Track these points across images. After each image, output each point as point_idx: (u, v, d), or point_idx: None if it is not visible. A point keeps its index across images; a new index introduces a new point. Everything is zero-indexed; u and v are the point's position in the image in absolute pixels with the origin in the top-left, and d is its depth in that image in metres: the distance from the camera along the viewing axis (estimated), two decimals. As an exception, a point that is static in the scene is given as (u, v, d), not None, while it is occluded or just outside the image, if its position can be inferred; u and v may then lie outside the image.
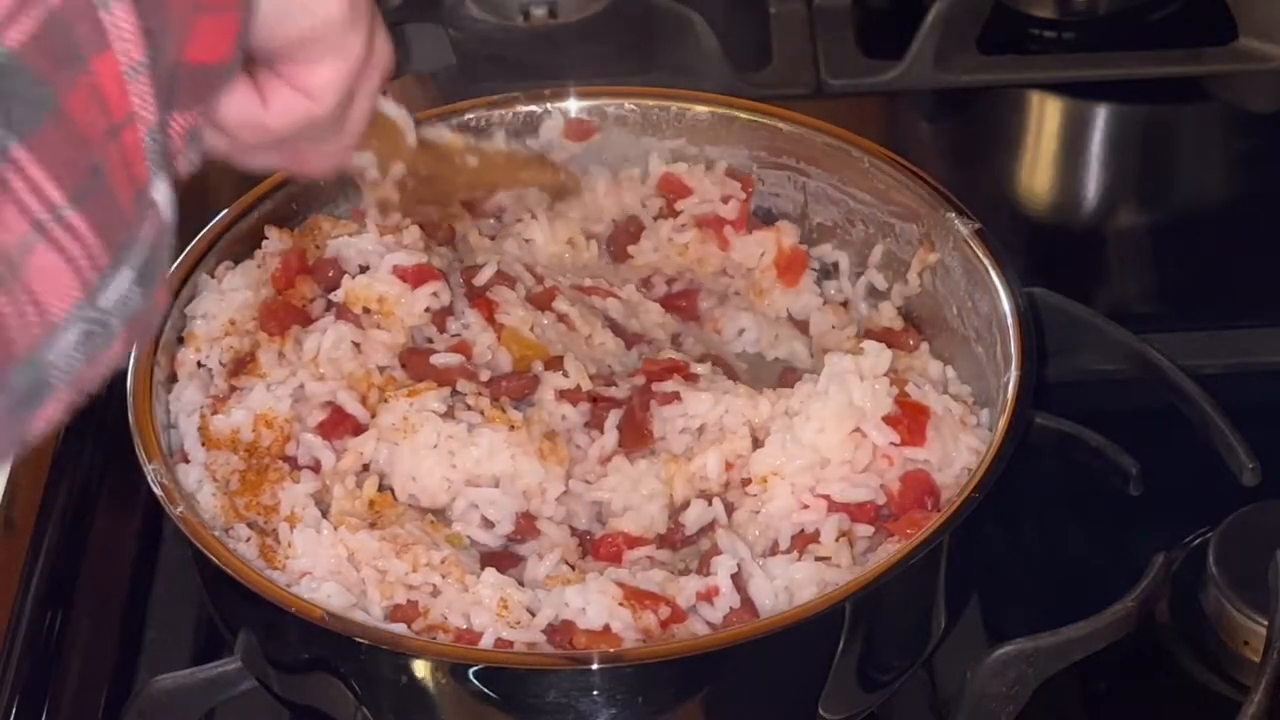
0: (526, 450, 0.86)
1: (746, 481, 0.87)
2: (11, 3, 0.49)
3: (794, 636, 0.77)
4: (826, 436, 0.85)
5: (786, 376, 0.94)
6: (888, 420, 0.85)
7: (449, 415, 0.87)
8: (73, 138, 0.51)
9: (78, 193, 0.51)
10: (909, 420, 0.85)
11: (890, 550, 0.81)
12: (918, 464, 0.85)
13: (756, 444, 0.87)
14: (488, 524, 0.85)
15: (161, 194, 0.55)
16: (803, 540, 0.84)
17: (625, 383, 0.92)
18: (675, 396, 0.89)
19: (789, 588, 0.81)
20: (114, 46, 0.52)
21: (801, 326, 1.00)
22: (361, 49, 0.71)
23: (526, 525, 0.85)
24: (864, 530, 0.84)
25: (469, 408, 0.88)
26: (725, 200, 1.01)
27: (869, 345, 0.89)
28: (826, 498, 0.84)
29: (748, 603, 0.80)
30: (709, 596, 0.80)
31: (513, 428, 0.87)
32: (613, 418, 0.90)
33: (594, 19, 1.34)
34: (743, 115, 1.02)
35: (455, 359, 0.91)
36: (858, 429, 0.85)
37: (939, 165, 1.16)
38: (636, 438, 0.89)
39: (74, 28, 0.51)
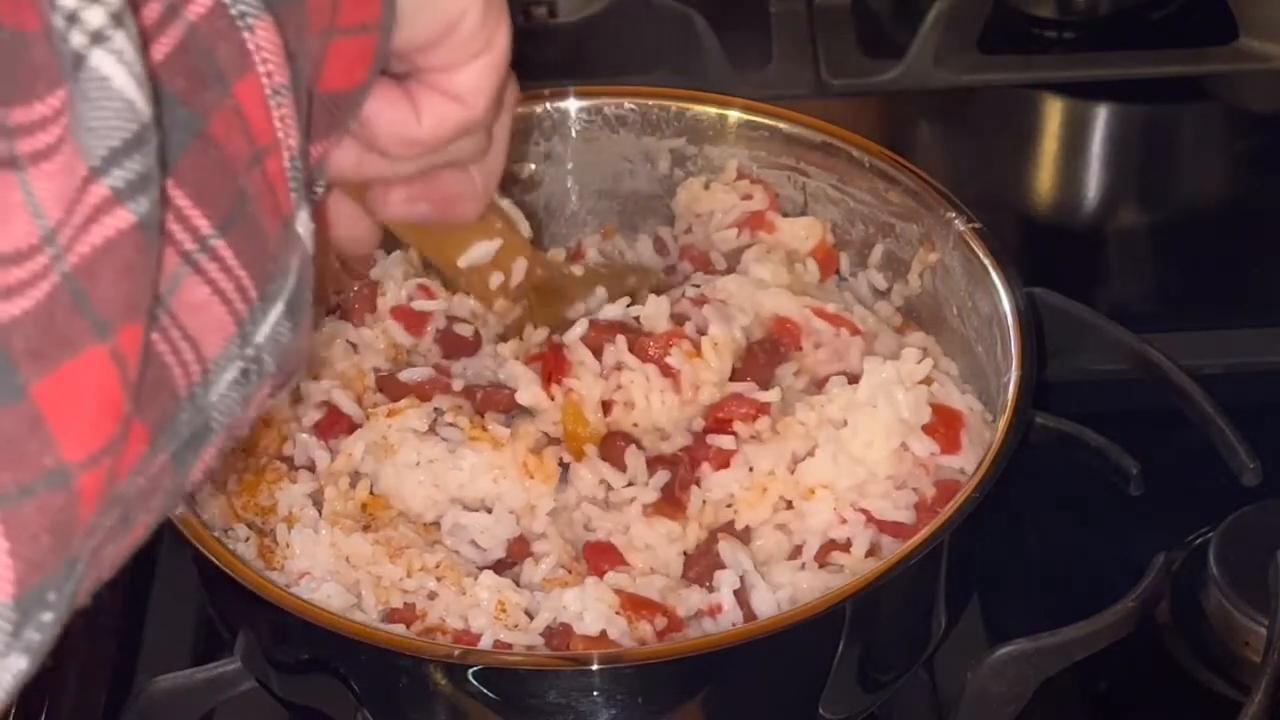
0: (509, 472, 0.84)
1: (786, 503, 0.85)
2: (150, 21, 0.46)
3: (794, 637, 0.77)
4: (874, 451, 0.84)
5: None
6: (925, 429, 0.85)
7: (431, 432, 0.85)
8: (219, 163, 0.48)
9: (225, 221, 0.48)
10: (944, 428, 0.85)
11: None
12: (953, 472, 0.85)
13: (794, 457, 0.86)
14: (478, 545, 0.84)
15: (304, 225, 0.52)
16: (827, 548, 0.83)
17: (678, 433, 0.88)
18: (728, 458, 0.85)
19: (794, 597, 0.80)
20: (257, 69, 0.49)
21: None
22: (505, 42, 0.66)
23: (519, 549, 0.84)
24: (890, 543, 0.83)
25: (451, 424, 0.86)
26: (748, 197, 1.01)
27: (907, 352, 0.88)
28: (866, 512, 0.83)
29: (750, 617, 0.80)
30: (711, 613, 0.80)
31: (496, 445, 0.84)
32: (659, 478, 0.85)
33: (594, 18, 1.34)
34: (743, 115, 1.02)
35: (424, 373, 0.89)
36: (903, 444, 0.84)
37: (939, 165, 1.16)
38: (668, 507, 0.85)
39: (216, 48, 0.48)
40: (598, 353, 0.88)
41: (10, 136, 0.41)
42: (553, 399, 0.87)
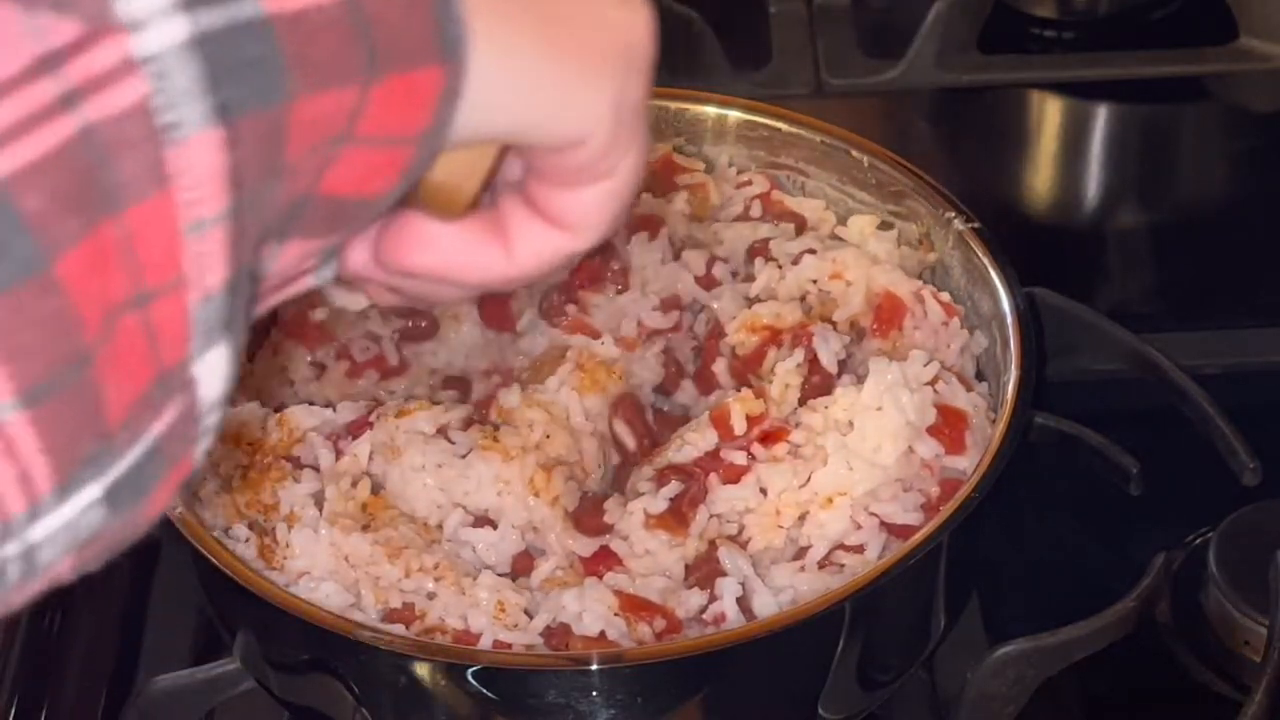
0: (515, 487, 0.83)
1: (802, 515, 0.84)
2: (25, 111, 0.35)
3: (794, 637, 0.77)
4: (883, 455, 0.84)
5: None
6: (930, 430, 0.85)
7: (440, 435, 0.85)
8: (52, 315, 0.37)
9: (36, 391, 0.37)
10: (950, 429, 0.85)
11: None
12: (957, 472, 0.85)
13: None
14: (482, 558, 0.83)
15: (209, 365, 0.41)
16: (833, 549, 0.83)
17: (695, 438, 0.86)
18: (739, 474, 0.84)
19: (796, 600, 0.80)
20: (174, 195, 0.38)
21: None
22: (635, 168, 0.52)
23: (523, 565, 0.83)
24: (896, 545, 0.83)
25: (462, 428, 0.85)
26: (746, 184, 1.01)
27: (915, 354, 0.88)
28: (877, 517, 0.83)
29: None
30: (716, 624, 0.79)
31: (505, 457, 0.84)
32: (671, 488, 0.84)
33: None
34: (743, 115, 1.02)
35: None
36: (910, 447, 0.84)
37: (939, 165, 1.15)
38: (672, 521, 0.84)
39: (116, 161, 0.37)
40: None
41: None
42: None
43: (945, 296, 0.92)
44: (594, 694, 0.76)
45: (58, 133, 0.36)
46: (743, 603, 0.80)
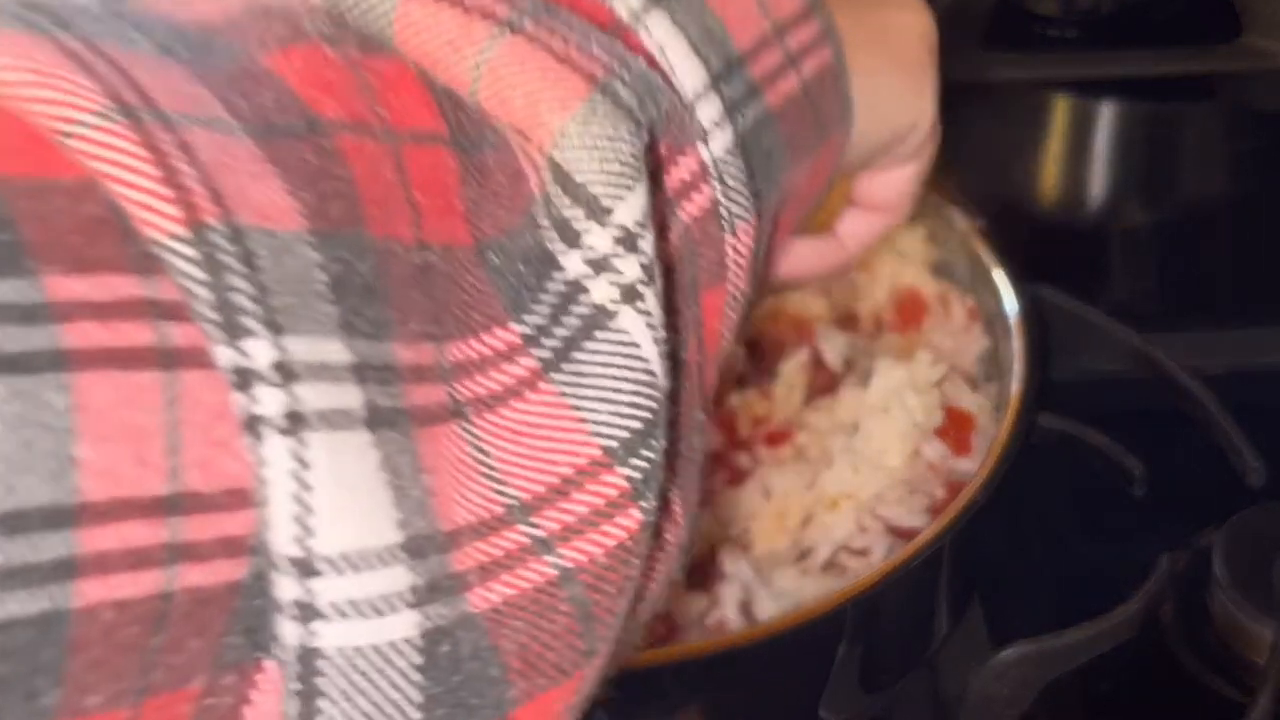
0: None
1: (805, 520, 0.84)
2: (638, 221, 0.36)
3: (795, 640, 0.76)
4: (889, 457, 0.83)
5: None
6: (936, 432, 0.84)
7: None
8: (687, 401, 0.40)
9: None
10: (955, 430, 0.85)
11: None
12: (963, 474, 0.84)
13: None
14: None
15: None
16: (837, 552, 0.83)
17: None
18: (744, 477, 0.85)
19: (798, 604, 0.80)
20: (728, 279, 0.42)
21: None
22: (935, 149, 0.61)
23: None
24: (901, 547, 0.83)
25: None
26: None
27: (922, 355, 0.88)
28: (883, 520, 0.83)
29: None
30: (717, 630, 0.79)
31: None
32: None
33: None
34: (744, 113, 1.01)
35: None
36: (916, 449, 0.84)
37: (941, 162, 1.15)
38: None
39: (700, 254, 0.40)
40: None
41: (447, 378, 0.34)
42: None
43: (970, 301, 0.92)
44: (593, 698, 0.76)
45: (671, 227, 0.39)
46: (744, 607, 0.80)
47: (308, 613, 0.31)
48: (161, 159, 0.30)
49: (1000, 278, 0.90)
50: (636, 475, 0.36)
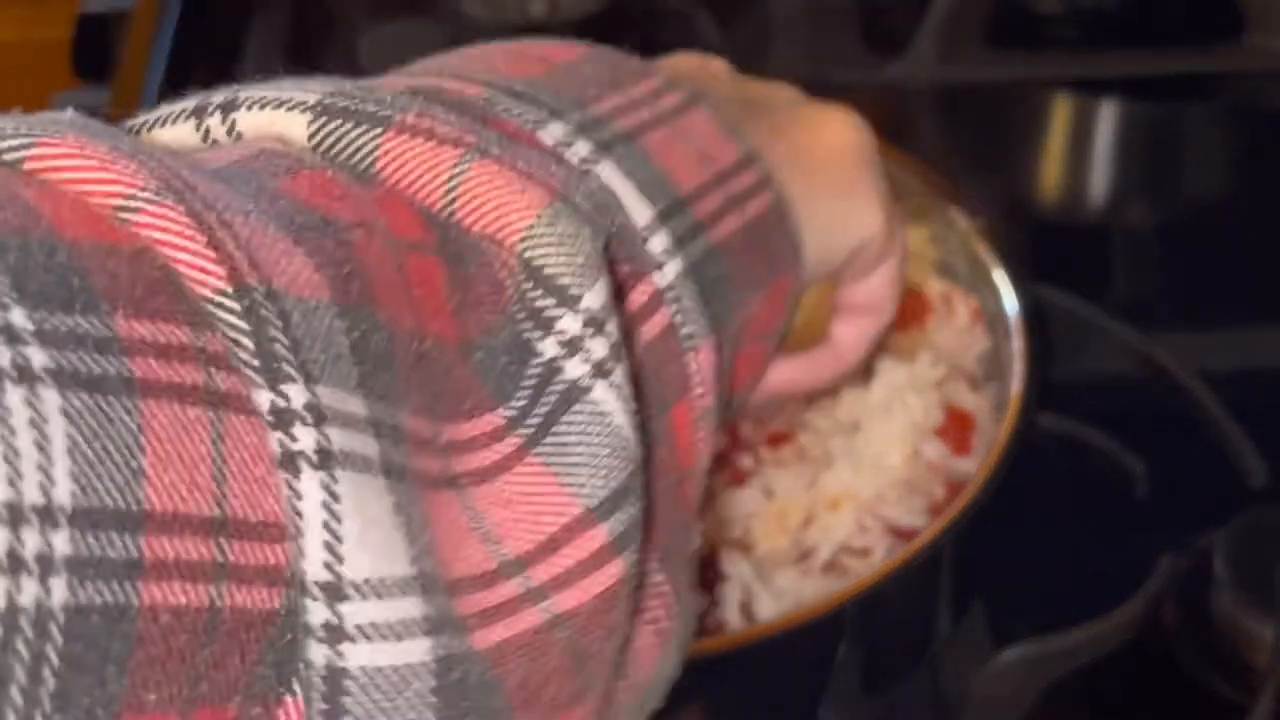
0: None
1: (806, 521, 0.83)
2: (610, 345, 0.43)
3: (795, 640, 0.76)
4: (890, 457, 0.83)
5: None
6: (937, 432, 0.84)
7: None
8: (669, 498, 0.46)
9: (665, 553, 0.46)
10: (955, 430, 0.84)
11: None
12: (963, 474, 0.84)
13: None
14: None
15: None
16: (839, 552, 0.83)
17: None
18: (745, 478, 0.84)
19: (799, 605, 0.79)
20: (692, 393, 0.47)
21: None
22: (907, 240, 0.65)
23: None
24: (901, 547, 0.82)
25: None
26: None
27: (923, 354, 0.87)
28: (884, 520, 0.82)
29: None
30: (717, 630, 0.79)
31: None
32: None
33: (595, 15, 1.33)
34: (744, 111, 1.01)
35: None
36: (916, 449, 0.84)
37: (942, 161, 1.15)
38: None
39: (662, 371, 0.46)
40: None
41: (443, 453, 0.39)
42: None
43: (974, 301, 0.92)
44: (592, 698, 0.76)
45: (628, 360, 0.42)
46: (744, 607, 0.79)
47: (336, 635, 0.35)
48: (208, 230, 0.35)
49: (1001, 278, 0.90)
50: (618, 528, 0.40)
